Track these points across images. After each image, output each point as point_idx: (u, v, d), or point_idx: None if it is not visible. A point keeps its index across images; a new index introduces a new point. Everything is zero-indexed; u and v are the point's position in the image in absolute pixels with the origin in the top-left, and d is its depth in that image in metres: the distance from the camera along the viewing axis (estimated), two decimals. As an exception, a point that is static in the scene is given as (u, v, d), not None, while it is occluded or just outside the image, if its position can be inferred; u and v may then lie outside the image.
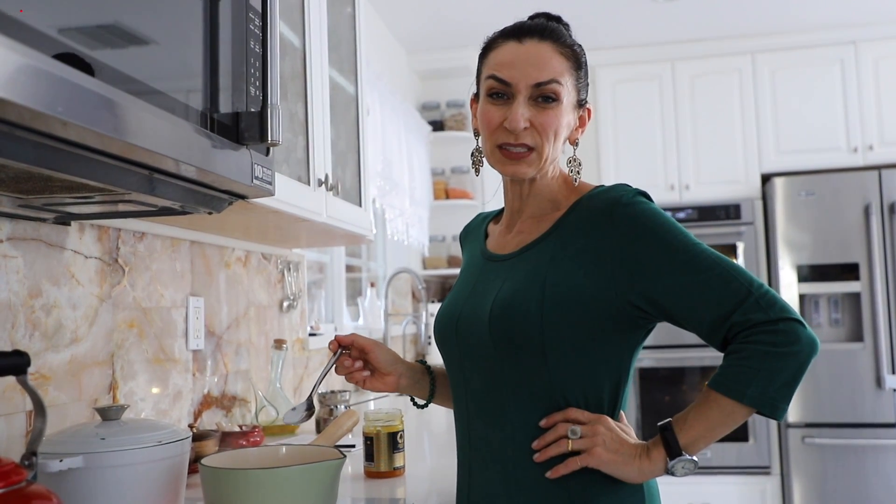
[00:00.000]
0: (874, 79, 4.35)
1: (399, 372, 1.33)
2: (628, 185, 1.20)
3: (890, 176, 4.08)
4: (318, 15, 2.01)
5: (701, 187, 4.45)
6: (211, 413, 2.04)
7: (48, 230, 1.47)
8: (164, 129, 0.98)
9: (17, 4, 0.79)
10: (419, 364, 1.39)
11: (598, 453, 1.14)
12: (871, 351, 4.02)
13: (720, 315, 1.11)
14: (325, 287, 3.37)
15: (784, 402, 1.09)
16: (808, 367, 1.11)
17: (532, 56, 1.21)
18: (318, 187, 1.92)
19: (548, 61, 1.21)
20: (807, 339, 1.10)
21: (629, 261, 1.14)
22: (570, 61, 1.23)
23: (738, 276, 1.12)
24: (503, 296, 1.20)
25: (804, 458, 4.06)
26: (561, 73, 1.21)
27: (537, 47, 1.22)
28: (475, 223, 1.46)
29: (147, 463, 1.18)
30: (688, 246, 1.14)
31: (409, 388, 1.36)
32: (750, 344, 1.10)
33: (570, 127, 1.26)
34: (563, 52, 1.23)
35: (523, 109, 1.20)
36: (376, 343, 1.33)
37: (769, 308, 1.10)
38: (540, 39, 1.22)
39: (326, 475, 1.18)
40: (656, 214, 1.16)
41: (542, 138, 1.21)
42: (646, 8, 4.05)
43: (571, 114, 1.25)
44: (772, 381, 1.08)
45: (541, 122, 1.20)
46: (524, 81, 1.20)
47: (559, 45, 1.23)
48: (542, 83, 1.20)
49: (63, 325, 1.49)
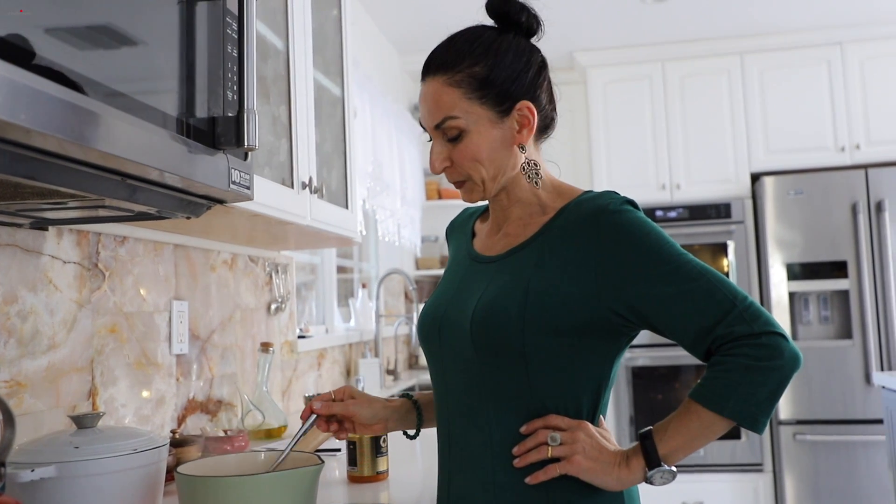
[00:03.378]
0: (860, 79, 4.37)
1: (384, 419, 1.32)
2: (616, 193, 1.19)
3: (876, 175, 4.11)
4: (301, 17, 1.99)
5: (691, 187, 4.46)
6: (195, 418, 2.02)
7: (24, 235, 1.45)
8: (136, 135, 0.96)
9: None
10: (404, 399, 1.36)
11: (578, 461, 1.13)
12: (860, 348, 4.05)
13: (704, 326, 1.10)
14: (316, 288, 3.36)
15: (764, 415, 1.09)
16: (790, 381, 1.10)
17: (427, 98, 1.22)
18: (302, 190, 1.91)
19: (437, 100, 1.20)
20: (789, 353, 1.09)
21: (614, 269, 1.13)
22: (463, 87, 1.19)
23: (723, 287, 1.11)
24: (486, 299, 1.19)
25: (796, 454, 4.09)
26: (452, 106, 1.19)
27: (431, 86, 1.22)
28: (461, 219, 1.45)
29: (122, 471, 1.16)
30: (673, 256, 1.12)
31: (398, 426, 1.35)
32: (732, 357, 1.09)
33: (505, 138, 1.22)
34: (451, 81, 1.20)
35: (438, 150, 1.23)
36: (355, 402, 1.29)
37: (753, 321, 1.09)
38: (433, 75, 1.21)
39: (303, 482, 1.16)
40: (643, 223, 1.15)
41: (467, 169, 1.22)
42: (636, 9, 4.05)
43: (493, 129, 1.21)
44: (753, 394, 1.08)
45: (457, 156, 1.21)
46: (429, 125, 1.23)
47: (447, 75, 1.20)
48: (438, 124, 1.21)
49: (40, 331, 1.48)
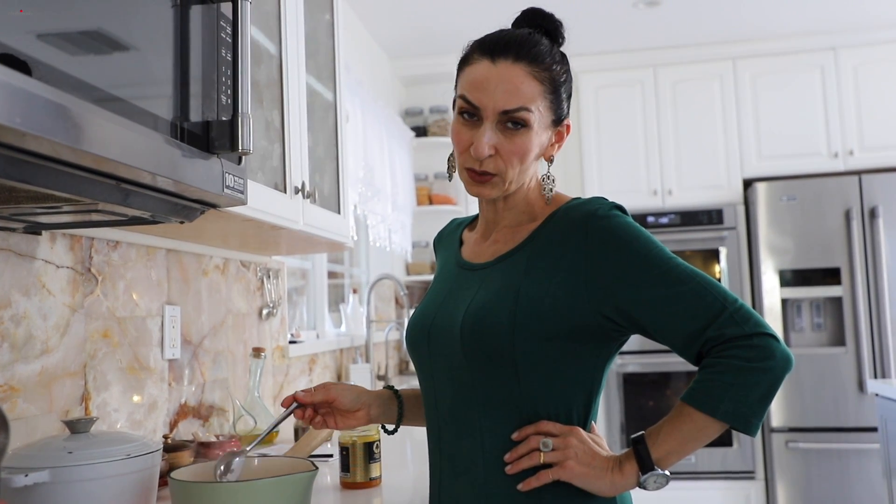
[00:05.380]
0: (854, 84, 4.37)
1: (367, 404, 1.31)
2: (604, 199, 1.19)
3: (870, 181, 4.10)
4: (294, 22, 1.99)
5: (683, 192, 4.46)
6: (187, 423, 2.01)
7: (18, 239, 1.45)
8: (130, 139, 0.96)
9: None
10: (387, 390, 1.37)
11: (571, 466, 1.13)
12: (854, 355, 4.05)
13: (695, 329, 1.11)
14: (307, 293, 3.35)
15: (757, 417, 1.09)
16: (782, 383, 1.10)
17: (503, 80, 1.16)
18: (295, 195, 1.91)
19: (518, 87, 1.16)
20: (781, 354, 1.09)
21: (603, 273, 1.13)
22: (544, 84, 1.18)
23: (712, 290, 1.11)
24: (475, 306, 1.18)
25: (788, 462, 4.08)
26: (532, 98, 1.17)
27: (510, 70, 1.16)
28: (449, 229, 1.45)
29: (116, 476, 1.16)
30: (662, 259, 1.13)
31: (381, 416, 1.34)
32: (724, 359, 1.09)
33: (543, 146, 1.22)
34: (538, 75, 1.18)
35: (490, 135, 1.17)
36: (336, 387, 1.30)
37: (744, 323, 1.09)
38: (514, 60, 1.17)
39: (298, 488, 1.16)
40: (631, 228, 1.15)
41: (507, 165, 1.18)
42: (628, 14, 4.06)
43: (544, 134, 1.21)
44: (745, 396, 1.08)
45: (507, 149, 1.18)
46: (492, 107, 1.17)
47: (534, 67, 1.18)
48: (510, 110, 1.16)
49: (33, 335, 1.47)
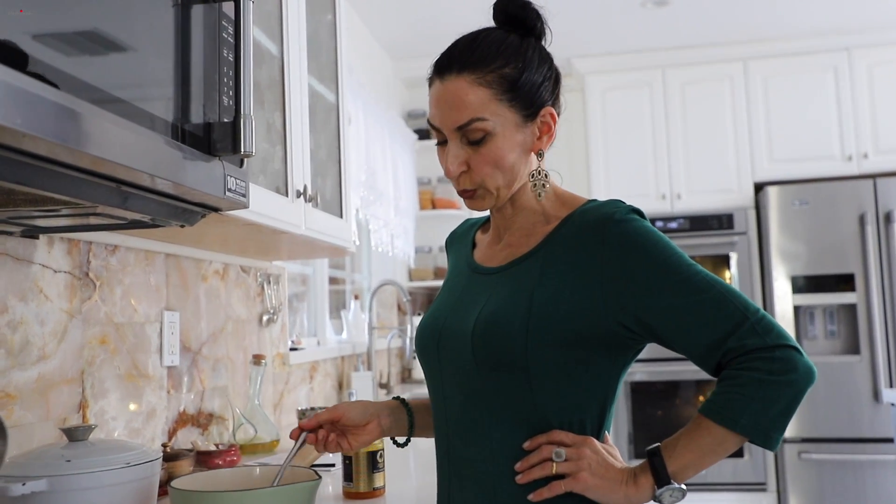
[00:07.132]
0: (868, 86, 4.30)
1: (376, 415, 1.27)
2: (621, 202, 1.16)
3: (885, 184, 4.03)
4: (296, 22, 1.96)
5: (693, 196, 4.40)
6: (186, 431, 1.98)
7: (15, 244, 1.42)
8: (132, 141, 0.95)
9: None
10: (394, 400, 1.33)
11: (584, 478, 1.10)
12: (868, 364, 3.97)
13: (715, 339, 1.07)
14: (308, 300, 3.31)
15: (778, 432, 1.05)
16: (804, 396, 1.07)
17: (450, 96, 1.14)
18: (297, 198, 1.87)
19: (463, 99, 1.13)
20: (804, 367, 1.06)
21: (620, 280, 1.10)
22: (492, 87, 1.14)
23: (733, 299, 1.07)
24: (487, 312, 1.15)
25: (800, 473, 4.00)
26: (481, 106, 1.13)
27: (454, 84, 1.14)
28: (462, 229, 1.42)
29: (115, 485, 1.16)
30: (682, 267, 1.09)
31: (393, 427, 1.30)
32: (745, 371, 1.06)
33: (525, 143, 1.18)
34: (483, 81, 1.14)
35: (455, 153, 1.15)
36: (341, 404, 1.27)
37: (766, 334, 1.06)
38: (458, 72, 1.14)
39: (300, 497, 1.14)
40: (650, 233, 1.11)
41: (482, 177, 1.16)
42: (636, 14, 4.02)
43: (518, 134, 1.17)
44: (766, 410, 1.04)
45: (476, 161, 1.15)
46: (448, 126, 1.15)
47: (477, 74, 1.14)
48: (463, 125, 1.14)
49: (30, 341, 1.44)
